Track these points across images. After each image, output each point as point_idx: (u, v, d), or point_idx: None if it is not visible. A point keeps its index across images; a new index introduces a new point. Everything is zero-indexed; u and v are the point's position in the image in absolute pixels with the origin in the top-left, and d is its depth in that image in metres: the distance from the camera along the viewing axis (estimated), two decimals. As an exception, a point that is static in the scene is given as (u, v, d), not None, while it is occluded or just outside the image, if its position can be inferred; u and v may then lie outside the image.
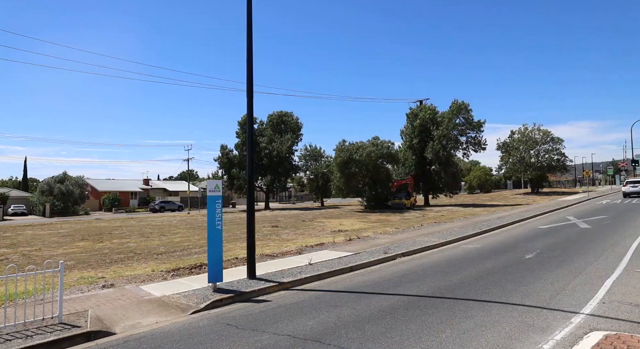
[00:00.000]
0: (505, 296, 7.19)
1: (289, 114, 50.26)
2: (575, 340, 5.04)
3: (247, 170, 9.63)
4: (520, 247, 12.45)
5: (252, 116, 9.60)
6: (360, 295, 7.73)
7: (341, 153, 36.94)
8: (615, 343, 4.86)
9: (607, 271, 8.81)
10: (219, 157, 47.77)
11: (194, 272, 10.26)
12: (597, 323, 5.65)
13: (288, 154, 47.51)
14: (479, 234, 16.22)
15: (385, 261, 11.24)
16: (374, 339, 5.37)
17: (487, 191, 73.82)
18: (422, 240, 14.47)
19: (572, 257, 10.54)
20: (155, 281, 9.38)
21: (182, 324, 6.38)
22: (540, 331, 5.41)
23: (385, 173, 38.09)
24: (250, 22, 9.45)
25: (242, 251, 13.38)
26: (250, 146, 9.56)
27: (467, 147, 41.51)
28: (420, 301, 7.13)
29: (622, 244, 12.23)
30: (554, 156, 56.73)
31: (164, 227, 25.14)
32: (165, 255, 13.79)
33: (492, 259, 10.75)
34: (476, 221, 20.94)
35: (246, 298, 7.86)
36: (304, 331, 5.80)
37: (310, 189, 55.56)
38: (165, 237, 19.36)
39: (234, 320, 6.50)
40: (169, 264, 11.66)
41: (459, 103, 40.79)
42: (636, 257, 10.14)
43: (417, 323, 5.91)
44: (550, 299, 6.86)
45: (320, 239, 16.13)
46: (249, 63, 9.47)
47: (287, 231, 20.34)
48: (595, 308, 6.33)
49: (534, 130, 58.04)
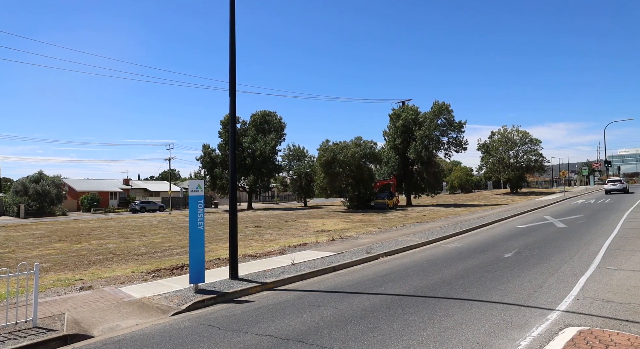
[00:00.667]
0: (485, 294, 7.33)
1: (273, 114, 50.03)
2: (551, 336, 5.18)
3: (229, 170, 9.54)
4: (499, 247, 12.71)
5: (234, 115, 9.53)
6: (343, 295, 7.76)
7: (324, 153, 36.98)
8: (588, 338, 5.01)
9: (581, 268, 9.08)
10: (201, 156, 47.23)
11: (175, 273, 10.12)
12: (572, 319, 5.82)
13: (271, 154, 47.28)
14: (460, 233, 16.48)
15: (368, 261, 11.31)
16: (357, 338, 5.40)
17: (468, 191, 75.04)
18: (405, 240, 14.61)
19: (549, 255, 10.82)
20: (135, 282, 9.22)
21: (162, 326, 6.29)
22: (518, 328, 5.54)
23: (368, 173, 38.32)
24: (233, 18, 9.38)
25: (224, 252, 13.27)
26: (233, 145, 9.48)
27: (449, 147, 42.10)
28: (402, 300, 7.20)
29: (596, 242, 12.62)
30: (532, 156, 58.01)
31: (144, 228, 24.71)
32: (145, 256, 13.56)
33: (473, 258, 10.94)
34: (457, 221, 21.27)
35: (228, 299, 7.80)
36: (287, 331, 5.79)
37: (293, 189, 55.45)
38: (145, 238, 19.03)
39: (216, 321, 6.44)
40: (149, 265, 11.46)
41: (441, 104, 41.35)
42: (608, 255, 10.49)
43: (399, 322, 5.97)
44: (527, 297, 7.03)
45: (303, 239, 16.12)
46: (231, 61, 9.39)
47: (270, 231, 20.26)
48: (570, 304, 6.52)
49: (513, 131, 59.25)
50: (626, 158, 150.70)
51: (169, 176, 67.68)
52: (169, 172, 68.56)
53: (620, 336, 5.05)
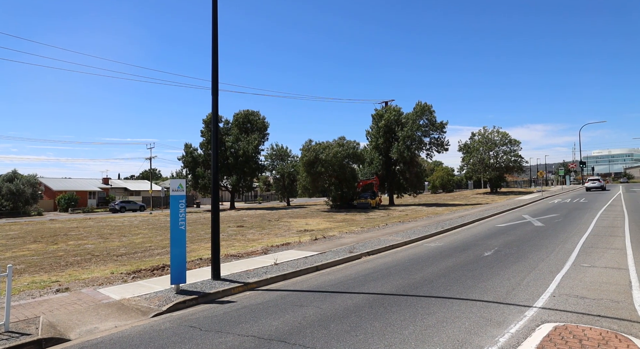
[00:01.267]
0: (466, 292, 7.45)
1: (256, 113, 49.72)
2: (529, 332, 5.31)
3: (212, 169, 9.45)
4: (479, 245, 12.94)
5: (217, 114, 9.43)
6: (326, 294, 7.77)
7: (307, 153, 36.98)
8: (563, 333, 5.16)
9: (557, 266, 9.34)
10: (183, 156, 46.60)
11: (156, 273, 9.97)
12: (548, 315, 5.97)
13: (254, 154, 47.00)
14: (441, 232, 16.71)
15: (351, 260, 11.36)
16: (339, 337, 5.42)
17: (449, 190, 76.16)
18: (387, 239, 14.73)
19: (527, 254, 11.08)
20: (115, 283, 9.03)
21: (142, 328, 6.19)
22: (497, 325, 5.66)
23: (351, 173, 38.49)
24: (216, 16, 9.29)
25: (206, 252, 13.14)
26: (215, 144, 9.39)
27: (431, 147, 42.66)
28: (384, 299, 7.26)
29: (571, 240, 12.98)
30: (511, 157, 59.29)
31: (124, 228, 24.24)
32: (125, 256, 13.31)
33: (454, 257, 11.11)
34: (439, 220, 21.56)
35: (210, 299, 7.72)
36: (269, 332, 5.77)
37: (276, 188, 55.28)
38: (125, 238, 18.68)
39: (198, 322, 6.37)
40: (129, 266, 11.26)
41: (423, 105, 41.84)
42: (582, 253, 10.81)
43: (382, 321, 6.02)
44: (506, 294, 7.18)
45: (286, 239, 16.09)
46: (214, 59, 9.30)
47: (253, 231, 20.15)
48: (547, 301, 6.69)
49: (493, 132, 60.43)
50: (599, 159, 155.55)
51: (150, 176, 66.56)
52: (150, 172, 67.41)
53: (592, 331, 5.22)
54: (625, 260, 9.78)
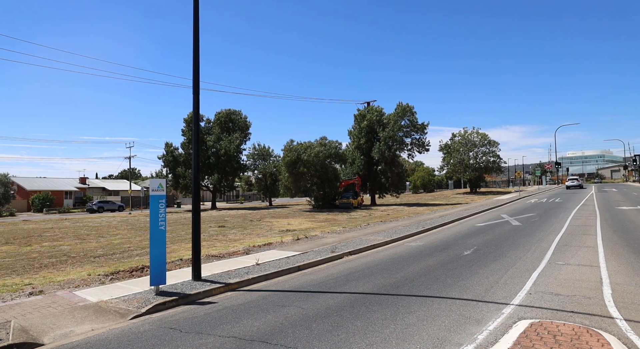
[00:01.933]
0: (446, 290, 7.57)
1: (238, 113, 49.34)
2: (506, 329, 5.44)
3: (192, 168, 9.33)
4: (459, 244, 13.16)
5: (198, 113, 9.31)
6: (308, 294, 7.78)
7: (289, 153, 36.91)
8: (538, 329, 5.31)
9: (533, 264, 9.58)
10: (163, 155, 45.88)
11: (135, 275, 9.78)
12: (525, 312, 6.13)
13: (236, 153, 46.62)
14: (422, 232, 16.93)
15: (333, 260, 11.39)
16: (321, 337, 5.43)
17: (430, 190, 77.19)
18: (369, 239, 14.83)
19: (505, 252, 11.33)
20: (92, 285, 8.82)
21: (120, 331, 6.06)
22: (475, 323, 5.77)
23: (333, 173, 38.59)
24: (197, 11, 9.18)
25: (187, 252, 12.97)
26: (196, 143, 9.28)
27: (412, 148, 43.18)
28: (366, 298, 7.31)
29: (547, 239, 13.35)
30: (490, 157, 60.44)
31: (102, 229, 23.69)
32: (103, 258, 13.01)
33: (434, 256, 11.27)
34: (419, 220, 21.83)
35: (191, 301, 7.63)
36: (251, 332, 5.74)
37: (258, 188, 54.96)
38: (103, 239, 18.26)
39: (178, 324, 6.29)
40: (107, 268, 11.01)
41: (404, 105, 42.29)
42: (557, 251, 11.13)
43: (363, 320, 6.06)
44: (485, 293, 7.33)
45: (268, 239, 16.02)
46: (195, 57, 9.18)
47: (235, 231, 19.99)
48: (523, 298, 6.87)
49: (473, 133, 61.50)
50: (574, 160, 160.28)
51: (129, 175, 65.25)
52: (129, 171, 66.06)
53: (566, 327, 5.39)
54: (597, 258, 10.12)
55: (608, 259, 9.88)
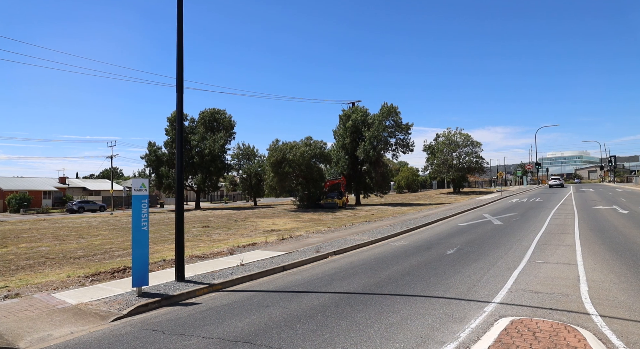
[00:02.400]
0: (429, 289, 7.67)
1: (222, 112, 48.94)
2: (488, 327, 5.54)
3: (176, 168, 9.22)
4: (442, 244, 13.33)
5: (182, 112, 9.21)
6: (292, 294, 7.77)
7: (274, 152, 36.79)
8: (518, 326, 5.43)
9: (514, 263, 9.78)
10: (146, 154, 45.17)
11: (117, 276, 9.61)
12: (506, 310, 6.25)
13: (220, 153, 46.23)
14: (406, 232, 17.08)
15: (317, 260, 11.41)
16: (305, 337, 5.44)
17: (414, 190, 77.91)
18: (353, 239, 14.90)
19: (487, 251, 11.52)
20: (71, 287, 8.63)
21: (101, 333, 5.95)
22: (458, 321, 5.86)
23: (318, 173, 38.62)
24: (181, 7, 9.08)
25: (170, 253, 12.81)
26: (180, 143, 9.17)
27: (396, 148, 43.52)
28: (350, 298, 7.34)
29: (527, 238, 13.63)
30: (473, 158, 61.33)
31: (82, 229, 23.19)
32: (83, 259, 12.75)
33: (418, 256, 11.39)
34: (403, 220, 22.02)
35: (174, 302, 7.54)
36: (235, 333, 5.70)
37: (243, 188, 54.60)
38: (84, 240, 17.88)
39: (160, 325, 6.21)
40: (87, 269, 10.79)
41: (389, 106, 42.61)
42: (537, 250, 11.38)
43: (347, 320, 6.09)
44: (467, 291, 7.44)
45: (252, 239, 15.94)
46: (178, 55, 9.07)
47: (219, 231, 19.82)
48: (505, 296, 7.00)
49: (456, 134, 62.32)
50: (553, 160, 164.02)
51: (111, 175, 64.07)
52: (111, 171, 64.86)
53: (545, 323, 5.53)
54: (575, 256, 10.38)
55: (585, 258, 10.15)
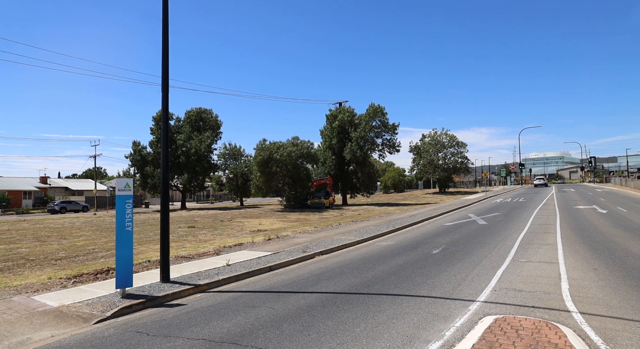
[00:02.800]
0: (415, 289, 7.73)
1: (209, 111, 48.54)
2: (472, 325, 5.61)
3: (161, 167, 9.11)
4: (428, 244, 13.46)
5: (167, 110, 9.11)
6: (279, 294, 7.75)
7: (261, 152, 36.64)
8: (502, 324, 5.52)
9: (498, 262, 9.93)
10: (130, 154, 44.51)
11: (100, 277, 9.45)
12: (490, 309, 6.34)
13: (207, 152, 45.83)
14: (393, 231, 17.20)
15: (304, 260, 11.40)
16: (292, 337, 5.43)
17: (401, 190, 78.49)
18: (340, 238, 14.93)
19: (472, 251, 11.68)
20: (53, 289, 8.45)
21: (83, 336, 5.84)
22: (443, 320, 5.92)
23: (305, 173, 38.59)
24: (166, 6, 8.98)
25: (155, 254, 12.65)
26: (165, 142, 9.06)
27: (383, 148, 43.75)
28: (337, 298, 7.36)
29: (511, 237, 13.86)
30: (458, 158, 62.09)
31: (64, 230, 22.73)
32: (65, 260, 12.49)
33: (404, 255, 11.47)
34: (390, 220, 22.16)
35: (159, 303, 7.45)
36: (220, 334, 5.66)
37: (229, 188, 54.21)
38: (66, 241, 17.53)
39: (145, 327, 6.12)
40: (69, 270, 10.58)
41: (376, 106, 42.82)
42: (521, 249, 11.59)
43: (334, 319, 6.10)
44: (452, 290, 7.53)
45: (239, 239, 15.84)
46: (164, 52, 8.97)
47: (205, 232, 19.65)
48: (489, 295, 7.11)
49: (442, 134, 63.03)
50: (536, 161, 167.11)
51: (94, 174, 62.95)
52: (95, 170, 63.72)
53: (527, 321, 5.63)
54: (556, 255, 10.60)
55: (566, 256, 10.37)
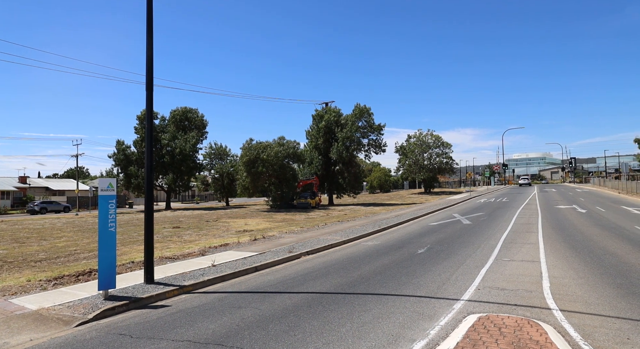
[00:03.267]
0: (400, 288, 7.80)
1: (194, 111, 48.10)
2: (456, 324, 5.69)
3: (145, 166, 8.98)
4: (413, 243, 13.58)
5: (151, 109, 8.99)
6: (265, 295, 7.73)
7: (248, 152, 36.44)
8: (485, 322, 5.61)
9: (482, 261, 10.09)
10: (114, 153, 43.77)
11: (82, 279, 9.27)
12: (474, 307, 6.44)
13: (192, 152, 45.39)
14: (378, 231, 17.30)
15: (290, 260, 11.39)
16: (278, 338, 5.42)
17: (387, 190, 78.99)
18: (326, 238, 14.96)
19: (456, 250, 11.83)
20: (32, 292, 8.26)
21: (64, 339, 5.73)
22: (428, 319, 5.99)
23: (291, 173, 38.53)
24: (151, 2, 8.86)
25: (139, 254, 12.47)
26: (150, 141, 8.94)
27: (369, 149, 44.00)
28: (323, 297, 7.37)
29: (494, 237, 14.09)
30: (443, 159, 62.82)
31: (45, 231, 22.22)
32: (45, 262, 12.22)
33: (389, 255, 11.55)
34: (376, 220, 22.29)
35: (143, 305, 7.35)
36: (206, 335, 5.62)
37: (215, 188, 53.77)
38: (46, 242, 17.14)
39: (128, 329, 6.03)
40: (50, 272, 10.35)
41: (362, 107, 43.04)
42: (504, 248, 11.79)
43: (320, 319, 6.11)
44: (437, 289, 7.62)
45: (224, 240, 15.73)
46: (148, 50, 8.85)
47: (190, 232, 19.45)
48: (473, 294, 7.21)
49: (427, 135, 63.65)
50: (519, 162, 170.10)
51: (77, 174, 61.69)
52: (77, 170, 62.42)
53: (510, 319, 5.74)
54: (538, 254, 10.82)
55: (547, 255, 10.59)
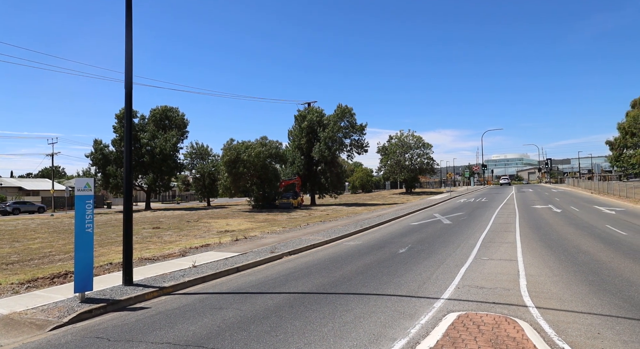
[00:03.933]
0: (382, 288, 7.86)
1: (174, 110, 47.34)
2: (436, 322, 5.78)
3: (124, 167, 8.81)
4: (395, 243, 13.72)
5: (130, 108, 8.82)
6: (246, 295, 7.68)
7: (229, 152, 36.12)
8: (464, 321, 5.72)
9: (462, 260, 10.26)
10: (92, 153, 42.69)
11: (57, 282, 9.02)
12: (453, 306, 6.55)
13: (172, 152, 44.67)
14: (360, 231, 17.40)
15: (272, 261, 11.35)
16: (259, 338, 5.40)
17: (368, 190, 79.50)
18: (308, 239, 14.96)
19: (437, 250, 12.00)
20: (3, 296, 7.98)
21: (37, 344, 5.56)
22: (409, 318, 6.06)
23: (273, 173, 38.36)
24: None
25: (117, 256, 12.21)
26: (129, 140, 8.77)
27: (351, 149, 44.21)
28: (305, 298, 7.37)
29: (474, 236, 14.36)
30: (424, 159, 63.65)
31: (17, 232, 21.52)
32: (18, 264, 11.84)
33: (371, 255, 11.64)
34: (358, 220, 22.41)
35: (121, 307, 7.20)
36: (186, 337, 5.55)
37: (196, 188, 53.09)
38: (19, 244, 16.60)
39: (105, 332, 5.91)
40: (23, 275, 10.03)
41: (344, 107, 43.21)
42: (483, 247, 12.03)
43: (302, 320, 6.11)
44: (418, 288, 7.72)
45: (205, 240, 15.56)
46: (127, 47, 8.68)
47: (170, 233, 19.16)
48: (452, 292, 7.33)
49: (409, 136, 64.37)
50: (497, 162, 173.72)
51: (52, 174, 60.01)
52: (52, 169, 60.71)
53: (488, 317, 5.87)
54: (515, 252, 11.08)
55: (524, 254, 10.86)
